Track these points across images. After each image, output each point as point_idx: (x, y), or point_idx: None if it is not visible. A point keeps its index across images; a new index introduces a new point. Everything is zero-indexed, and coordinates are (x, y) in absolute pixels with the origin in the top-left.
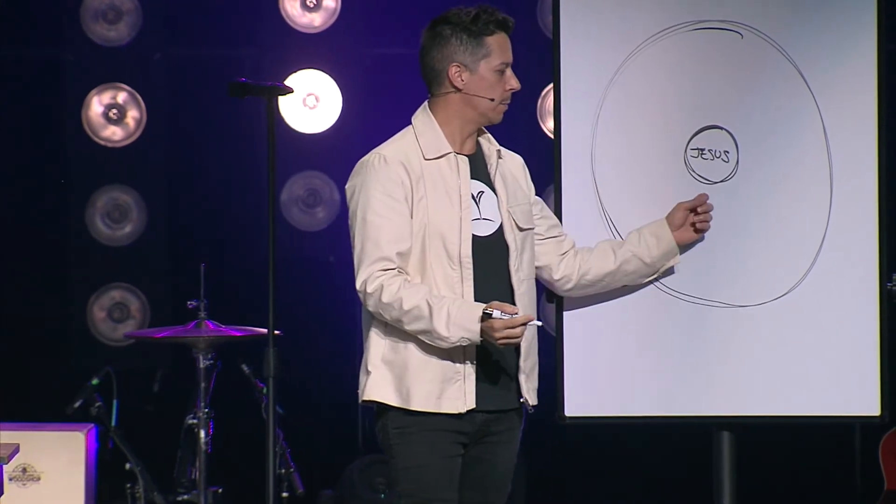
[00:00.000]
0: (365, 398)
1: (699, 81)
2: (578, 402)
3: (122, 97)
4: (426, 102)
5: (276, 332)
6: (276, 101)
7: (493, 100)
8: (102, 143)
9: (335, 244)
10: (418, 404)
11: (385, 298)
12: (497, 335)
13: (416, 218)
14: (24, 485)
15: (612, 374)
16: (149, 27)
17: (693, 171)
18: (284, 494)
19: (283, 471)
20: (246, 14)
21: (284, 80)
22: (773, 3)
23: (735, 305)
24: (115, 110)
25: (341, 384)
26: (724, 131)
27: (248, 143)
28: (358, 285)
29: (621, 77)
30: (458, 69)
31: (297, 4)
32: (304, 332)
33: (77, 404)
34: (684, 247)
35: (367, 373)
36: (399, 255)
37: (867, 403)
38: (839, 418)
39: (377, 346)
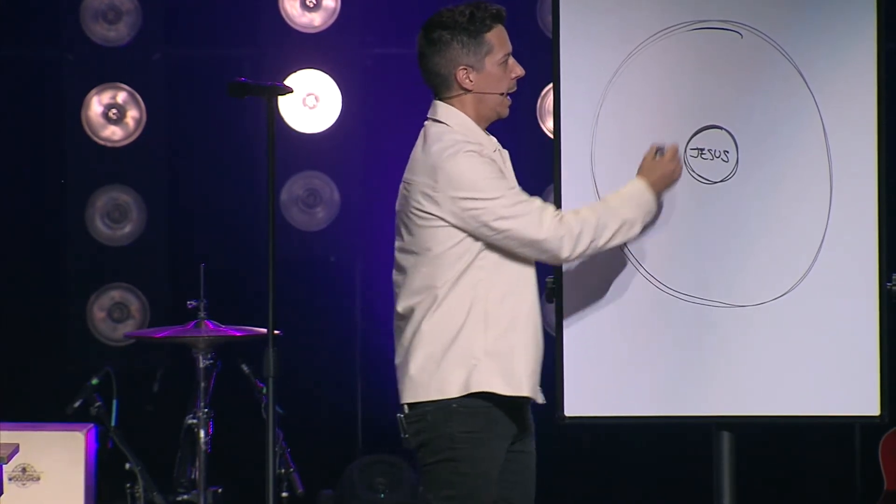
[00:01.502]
0: (472, 390)
1: (699, 81)
2: (578, 401)
3: (121, 97)
4: (441, 103)
5: (276, 331)
6: (275, 101)
7: (501, 94)
8: (102, 142)
9: (335, 244)
10: (528, 390)
11: (575, 229)
12: (674, 164)
13: None
14: (24, 484)
15: (612, 374)
16: (148, 27)
17: (693, 170)
18: (284, 494)
19: (282, 471)
20: (245, 14)
21: (284, 79)
22: (772, 3)
23: (735, 305)
24: (114, 110)
25: (341, 384)
26: (723, 131)
27: (248, 143)
28: (543, 235)
29: (621, 77)
30: (466, 71)
31: (297, 4)
32: (304, 332)
33: (77, 404)
34: (686, 244)
35: (469, 365)
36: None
37: (867, 403)
38: (839, 418)
39: (476, 338)
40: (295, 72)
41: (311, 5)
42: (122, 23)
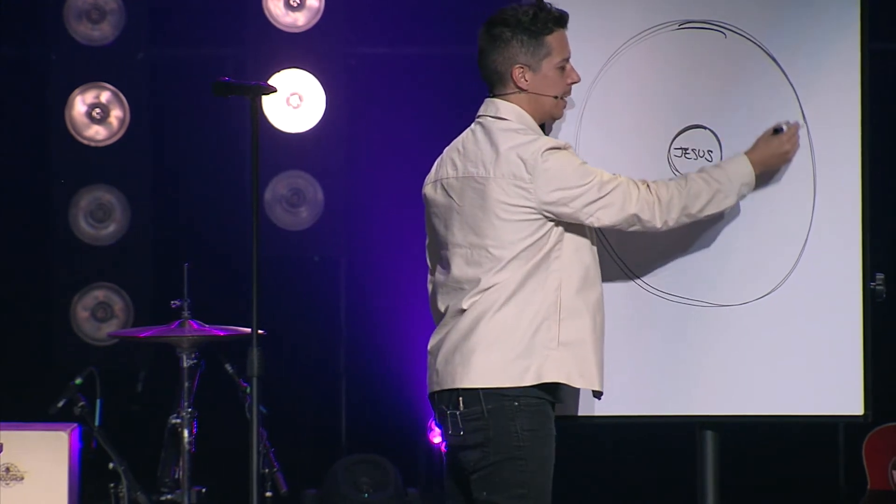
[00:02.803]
0: (545, 380)
1: (682, 81)
2: (562, 401)
3: (105, 96)
4: (499, 100)
5: (260, 331)
6: (259, 101)
7: (556, 97)
8: (86, 142)
9: (319, 243)
10: (598, 383)
11: (665, 196)
12: (793, 143)
13: None
14: (8, 484)
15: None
16: (132, 26)
17: (677, 170)
18: (268, 494)
19: (266, 470)
20: (230, 13)
21: (268, 79)
22: (756, 3)
23: (718, 305)
24: (98, 110)
25: (325, 383)
26: (707, 131)
27: (232, 143)
28: (634, 209)
29: (605, 76)
30: (522, 70)
31: (281, 4)
32: (288, 332)
33: (60, 404)
34: (669, 244)
35: (543, 356)
36: None
37: (850, 403)
38: (823, 417)
39: (550, 329)
40: (279, 71)
41: (295, 5)
42: (106, 22)
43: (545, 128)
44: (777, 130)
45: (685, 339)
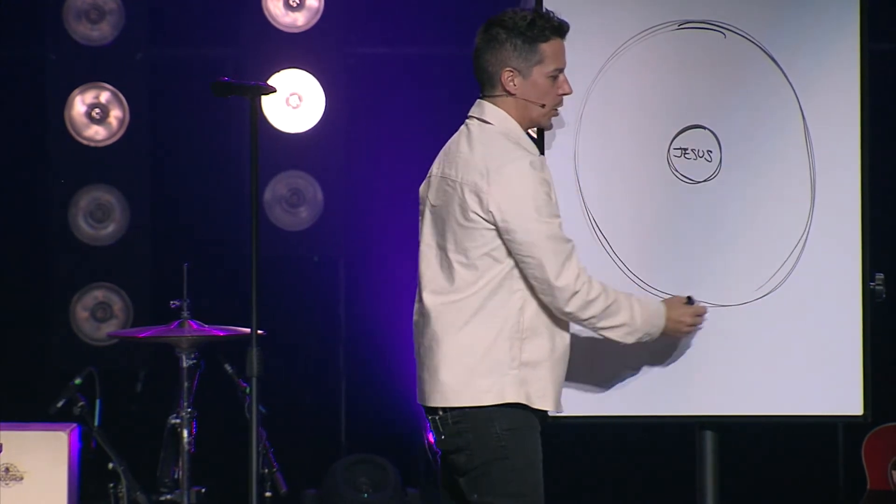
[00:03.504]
0: (507, 400)
1: (682, 81)
2: (561, 401)
3: (104, 97)
4: (486, 102)
5: (260, 331)
6: (259, 101)
7: (544, 105)
8: (85, 142)
9: (318, 244)
10: (552, 405)
11: (591, 295)
12: (693, 321)
13: None
14: (7, 484)
15: (596, 374)
16: (132, 26)
17: (676, 170)
18: (268, 494)
19: (266, 470)
20: (229, 14)
21: (267, 79)
22: (755, 3)
23: (718, 305)
24: (97, 110)
25: (325, 383)
26: (706, 131)
27: (231, 143)
28: (562, 283)
29: (604, 77)
30: (511, 74)
31: (280, 4)
32: (288, 332)
33: (60, 404)
34: (668, 243)
35: (504, 375)
36: None
37: (850, 403)
38: (822, 418)
39: (512, 348)
40: (278, 71)
41: (295, 5)
42: (105, 22)
43: (541, 137)
44: (689, 300)
45: (684, 339)
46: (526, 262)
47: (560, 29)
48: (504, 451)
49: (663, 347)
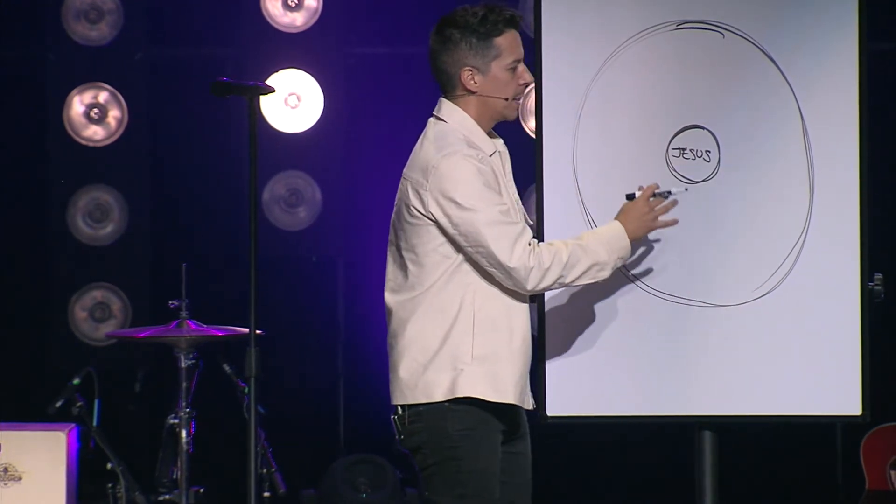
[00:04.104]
0: (457, 395)
1: (680, 81)
2: (560, 401)
3: (103, 97)
4: (446, 101)
5: (258, 331)
6: (257, 101)
7: (507, 98)
8: (84, 142)
9: (317, 244)
10: (514, 398)
11: (545, 263)
12: (652, 208)
13: None
14: (6, 484)
15: (594, 374)
16: (130, 26)
17: (675, 170)
18: (266, 494)
19: (264, 470)
20: (227, 14)
21: (266, 79)
22: (754, 3)
23: (717, 305)
24: (96, 110)
25: (323, 383)
26: (705, 131)
27: (230, 143)
28: (513, 263)
29: (603, 76)
30: (471, 72)
31: (279, 4)
32: (286, 332)
33: (58, 404)
34: (667, 243)
35: (456, 370)
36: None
37: (849, 403)
38: (821, 418)
39: (464, 343)
40: (277, 71)
41: (293, 5)
42: (104, 22)
43: (540, 126)
44: (629, 196)
45: (684, 339)
46: (477, 253)
47: (513, 20)
48: (456, 452)
49: (663, 347)
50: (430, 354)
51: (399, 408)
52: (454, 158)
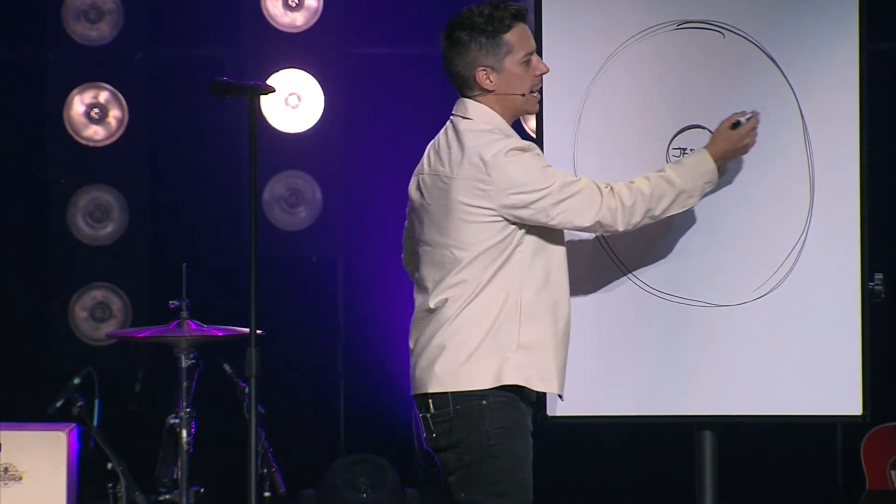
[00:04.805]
0: (504, 382)
1: (681, 81)
2: (560, 401)
3: (103, 96)
4: (468, 100)
5: (259, 331)
6: (258, 101)
7: (524, 94)
8: (84, 142)
9: (317, 244)
10: (557, 387)
11: (628, 201)
12: (750, 136)
13: None
14: (6, 484)
15: (594, 374)
16: (131, 26)
17: None
18: (267, 494)
19: (265, 470)
20: (228, 13)
21: (266, 79)
22: (754, 3)
23: (717, 305)
24: (96, 109)
25: (323, 383)
26: (705, 130)
27: (230, 143)
28: (598, 216)
29: (603, 76)
30: (485, 72)
31: (279, 4)
32: (287, 332)
33: (59, 404)
34: (667, 243)
35: (502, 357)
36: None
37: (849, 403)
38: (821, 418)
39: (510, 332)
40: (277, 71)
41: (294, 5)
42: (104, 22)
43: (539, 125)
44: (735, 125)
45: (683, 339)
46: (559, 225)
47: (519, 14)
48: (493, 450)
49: (663, 347)
50: (474, 346)
51: (432, 405)
52: (517, 156)
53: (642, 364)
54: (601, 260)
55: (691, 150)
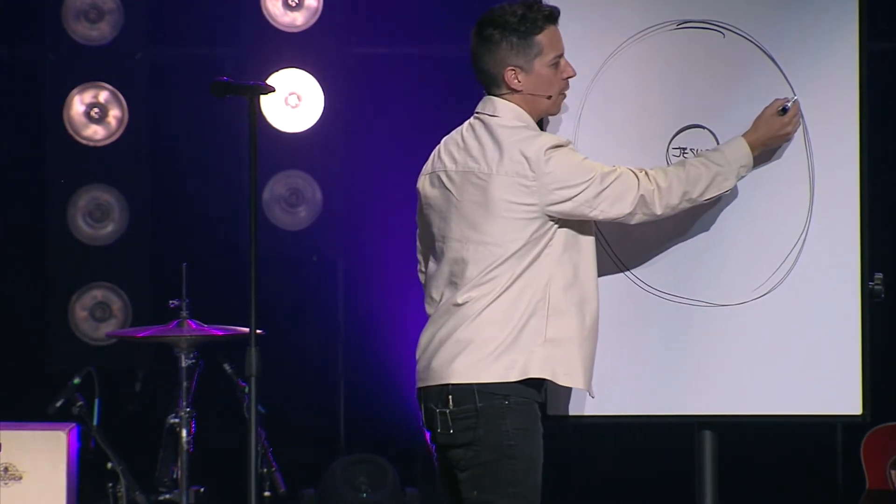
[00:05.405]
0: (530, 375)
1: (681, 80)
2: (560, 400)
3: (103, 96)
4: (496, 99)
5: (259, 331)
6: (257, 101)
7: (550, 97)
8: (84, 142)
9: (317, 243)
10: (583, 382)
11: (664, 183)
12: (788, 127)
13: None
14: (6, 484)
15: (594, 374)
16: (131, 26)
17: None
18: (266, 494)
19: (265, 470)
20: (228, 13)
21: (266, 79)
22: (754, 3)
23: (717, 304)
24: (96, 109)
25: (324, 383)
26: (705, 130)
27: (230, 143)
28: (638, 200)
29: (603, 76)
30: (514, 72)
31: (279, 3)
32: (287, 332)
33: (59, 404)
34: (667, 242)
35: (528, 351)
36: None
37: (849, 403)
38: (821, 417)
39: (538, 326)
40: (277, 71)
41: (294, 4)
42: (104, 22)
43: (541, 124)
44: (784, 110)
45: (683, 339)
46: (602, 214)
47: (552, 16)
48: (511, 450)
49: (663, 347)
50: (501, 340)
51: (451, 401)
52: (558, 153)
53: (642, 364)
54: (601, 259)
55: (691, 149)
